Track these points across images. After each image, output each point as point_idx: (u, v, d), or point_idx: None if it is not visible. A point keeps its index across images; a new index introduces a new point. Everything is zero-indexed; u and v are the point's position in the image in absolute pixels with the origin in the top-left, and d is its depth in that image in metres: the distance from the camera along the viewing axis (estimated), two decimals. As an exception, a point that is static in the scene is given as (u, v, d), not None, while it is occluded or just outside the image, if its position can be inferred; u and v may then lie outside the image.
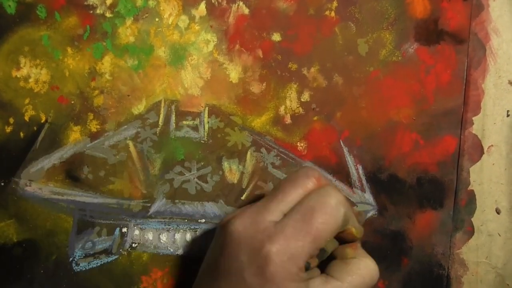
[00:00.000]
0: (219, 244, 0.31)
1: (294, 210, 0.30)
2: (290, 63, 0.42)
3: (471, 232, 0.43)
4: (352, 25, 0.41)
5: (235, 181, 0.42)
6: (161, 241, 0.42)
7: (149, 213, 0.42)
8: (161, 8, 0.41)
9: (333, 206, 0.30)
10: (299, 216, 0.29)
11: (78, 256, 0.42)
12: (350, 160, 0.42)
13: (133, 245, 0.42)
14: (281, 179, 0.41)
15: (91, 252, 0.42)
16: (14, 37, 0.40)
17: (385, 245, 0.42)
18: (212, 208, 0.42)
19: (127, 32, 0.41)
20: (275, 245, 0.28)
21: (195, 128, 0.42)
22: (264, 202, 0.31)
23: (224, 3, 0.41)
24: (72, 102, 0.41)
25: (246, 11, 0.41)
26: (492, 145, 0.42)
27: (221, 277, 0.30)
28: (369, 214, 0.42)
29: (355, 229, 0.32)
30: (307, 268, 0.31)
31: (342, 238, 0.33)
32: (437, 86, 0.42)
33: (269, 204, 0.31)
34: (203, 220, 0.42)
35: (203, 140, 0.42)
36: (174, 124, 0.42)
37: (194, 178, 0.42)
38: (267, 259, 0.28)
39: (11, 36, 0.40)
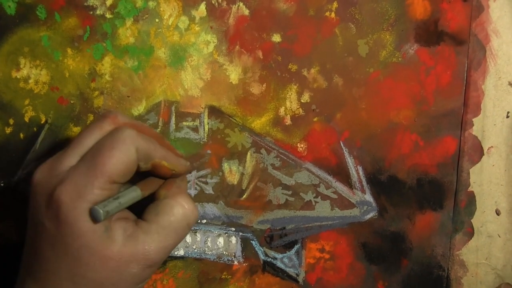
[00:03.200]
0: (29, 198, 0.31)
1: (87, 151, 0.30)
2: (290, 64, 0.42)
3: (471, 233, 0.43)
4: (352, 26, 0.41)
5: (235, 182, 0.42)
6: (161, 242, 0.42)
7: (149, 214, 0.42)
8: (161, 9, 0.41)
9: (120, 140, 0.29)
10: (89, 155, 0.29)
11: (78, 257, 0.41)
12: (350, 161, 0.42)
13: (133, 246, 0.42)
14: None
15: (91, 253, 0.42)
16: (14, 37, 0.40)
17: (385, 246, 0.42)
18: (212, 209, 0.42)
19: (127, 33, 0.41)
20: (64, 186, 0.28)
21: (195, 129, 0.42)
22: (63, 150, 0.31)
23: (224, 4, 0.41)
24: (72, 102, 0.41)
25: (246, 12, 0.41)
26: (492, 146, 0.42)
27: (30, 228, 0.30)
28: (370, 215, 0.42)
29: (167, 162, 0.31)
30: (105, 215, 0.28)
31: (159, 175, 0.32)
32: (437, 87, 0.42)
33: (66, 150, 0.30)
34: (204, 221, 0.42)
35: (203, 141, 0.42)
36: (174, 125, 0.42)
37: (194, 179, 0.42)
38: (58, 201, 0.28)
39: (11, 36, 0.40)
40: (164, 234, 0.30)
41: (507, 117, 0.42)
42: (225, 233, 0.42)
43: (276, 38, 0.41)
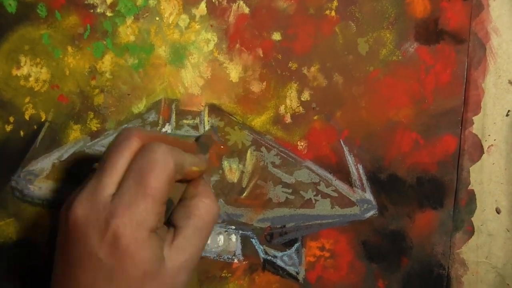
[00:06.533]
0: (64, 233, 0.30)
1: (125, 177, 0.29)
2: (290, 62, 0.42)
3: (471, 232, 0.43)
4: (352, 24, 0.42)
5: (235, 180, 0.42)
6: (161, 240, 0.42)
7: (149, 212, 0.41)
8: (162, 7, 0.41)
9: (160, 160, 0.29)
10: (131, 181, 0.29)
11: (78, 255, 0.41)
12: (350, 159, 0.42)
13: (133, 244, 0.42)
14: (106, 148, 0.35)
15: (91, 251, 0.41)
16: (14, 36, 0.41)
17: (385, 245, 0.42)
18: (212, 207, 0.42)
19: (127, 31, 0.41)
20: (119, 219, 0.28)
21: (195, 127, 0.42)
22: (96, 178, 0.30)
23: (225, 2, 0.41)
24: (72, 100, 0.41)
25: (247, 10, 0.41)
26: (492, 145, 0.42)
27: (75, 264, 0.29)
28: (370, 214, 0.42)
29: (196, 166, 0.32)
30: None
31: (188, 178, 0.33)
32: (437, 86, 0.42)
33: (100, 178, 0.29)
34: (203, 219, 0.42)
35: (203, 139, 0.42)
36: (174, 123, 0.42)
37: (194, 177, 0.42)
38: (116, 235, 0.27)
39: (12, 35, 0.40)
40: (200, 236, 0.31)
41: (507, 115, 0.42)
42: (225, 231, 0.42)
43: (276, 36, 0.41)
